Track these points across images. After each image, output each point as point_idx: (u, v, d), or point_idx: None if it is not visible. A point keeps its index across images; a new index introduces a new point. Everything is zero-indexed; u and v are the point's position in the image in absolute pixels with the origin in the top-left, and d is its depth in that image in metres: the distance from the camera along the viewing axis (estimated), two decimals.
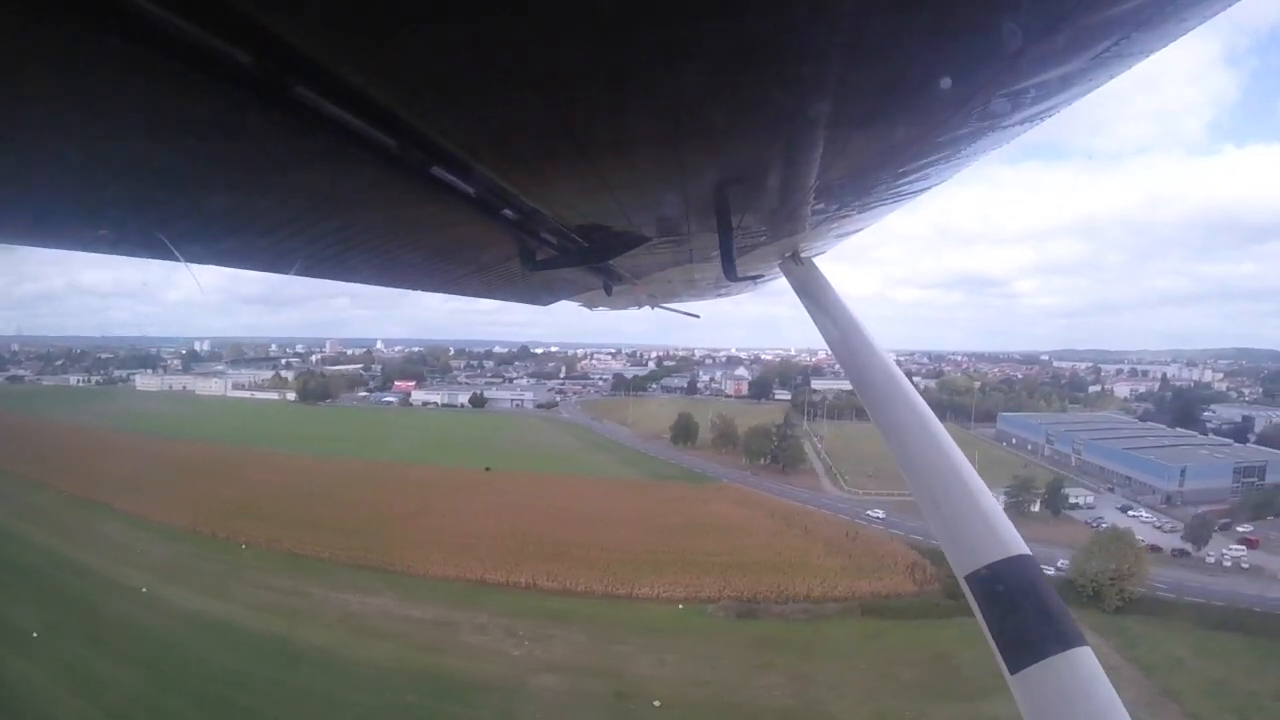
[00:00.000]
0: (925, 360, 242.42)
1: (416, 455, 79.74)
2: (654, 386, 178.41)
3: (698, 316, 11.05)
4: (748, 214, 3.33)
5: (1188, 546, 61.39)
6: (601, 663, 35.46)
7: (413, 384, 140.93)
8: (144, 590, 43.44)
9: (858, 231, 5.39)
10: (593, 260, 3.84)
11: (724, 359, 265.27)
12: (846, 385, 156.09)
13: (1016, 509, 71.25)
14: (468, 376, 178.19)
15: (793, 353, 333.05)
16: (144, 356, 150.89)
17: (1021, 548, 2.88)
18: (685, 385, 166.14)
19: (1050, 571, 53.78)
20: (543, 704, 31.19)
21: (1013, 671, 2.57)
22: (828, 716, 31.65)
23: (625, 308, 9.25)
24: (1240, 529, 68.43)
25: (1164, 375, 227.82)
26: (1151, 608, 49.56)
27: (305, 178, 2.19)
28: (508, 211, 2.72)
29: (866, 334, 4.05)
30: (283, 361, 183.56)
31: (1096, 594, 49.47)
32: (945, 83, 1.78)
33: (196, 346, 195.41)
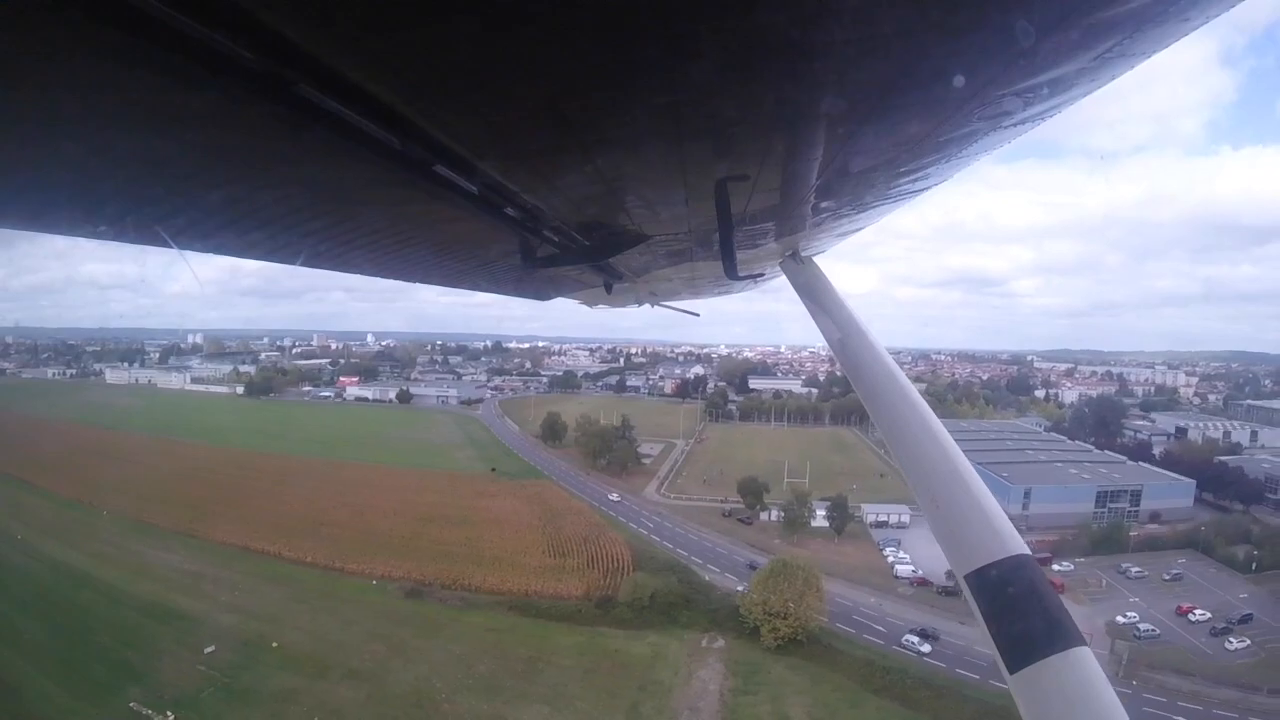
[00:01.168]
0: (908, 359, 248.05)
1: (297, 447, 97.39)
2: (598, 384, 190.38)
3: (698, 315, 11.25)
4: (749, 213, 3.42)
5: (952, 585, 52.37)
6: (273, 612, 49.73)
7: (356, 379, 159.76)
8: (19, 537, 61.95)
9: (858, 231, 5.51)
10: (593, 258, 3.97)
11: (695, 356, 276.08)
12: (785, 385, 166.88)
13: (789, 525, 72.88)
14: (419, 372, 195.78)
15: (782, 350, 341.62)
16: (126, 350, 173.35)
17: (1021, 547, 2.96)
18: (615, 384, 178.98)
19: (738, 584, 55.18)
20: (205, 631, 46.34)
21: (1012, 671, 2.64)
22: (382, 680, 42.51)
23: (625, 305, 9.47)
24: (1057, 566, 63.90)
25: (1120, 378, 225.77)
26: (820, 653, 46.44)
27: (308, 172, 2.33)
28: (509, 209, 2.81)
29: (867, 332, 4.20)
30: (261, 355, 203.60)
31: (758, 627, 47.02)
32: (948, 82, 1.84)
33: (190, 339, 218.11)
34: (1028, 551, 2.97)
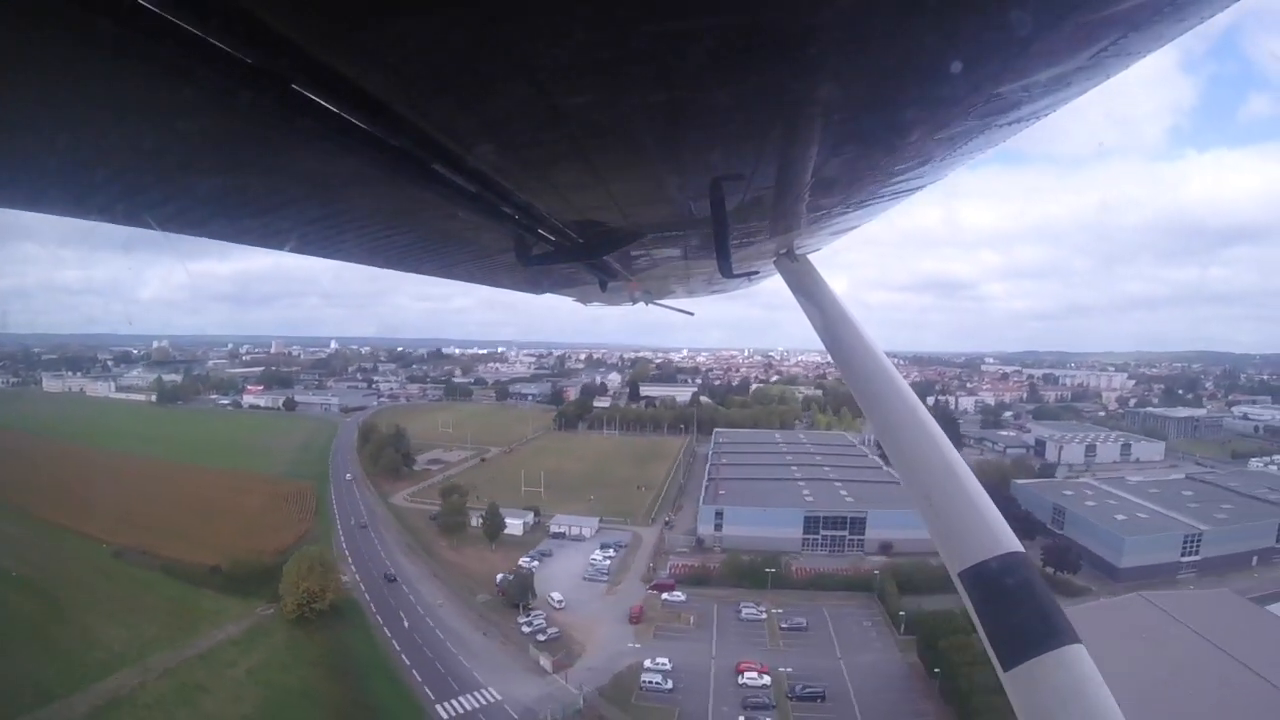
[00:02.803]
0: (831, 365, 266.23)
1: (149, 448, 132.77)
2: (514, 393, 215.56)
3: (692, 314, 12.13)
4: (743, 211, 3.64)
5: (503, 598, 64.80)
6: (31, 558, 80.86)
7: (261, 388, 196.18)
8: None
9: (852, 229, 5.91)
10: (587, 256, 4.25)
11: (628, 362, 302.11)
12: (679, 392, 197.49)
13: (445, 529, 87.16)
14: (337, 380, 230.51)
15: (740, 355, 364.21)
16: (78, 358, 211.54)
17: (1015, 545, 3.16)
18: (495, 394, 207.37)
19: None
20: None
21: (1005, 669, 2.81)
22: (45, 594, 71.78)
23: (620, 304, 10.24)
24: (667, 596, 63.23)
25: (1044, 380, 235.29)
26: (319, 630, 59.86)
27: (300, 161, 2.52)
28: (502, 205, 3.01)
29: (860, 330, 4.54)
30: (209, 363, 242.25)
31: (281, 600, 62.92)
32: (944, 80, 1.96)
33: (154, 345, 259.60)
34: (1021, 549, 3.16)
